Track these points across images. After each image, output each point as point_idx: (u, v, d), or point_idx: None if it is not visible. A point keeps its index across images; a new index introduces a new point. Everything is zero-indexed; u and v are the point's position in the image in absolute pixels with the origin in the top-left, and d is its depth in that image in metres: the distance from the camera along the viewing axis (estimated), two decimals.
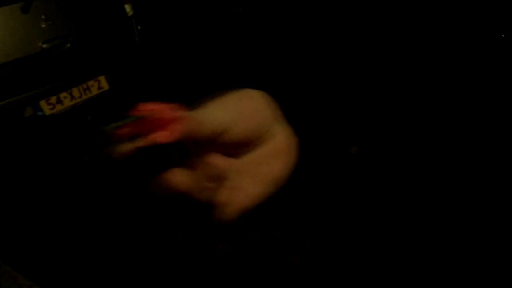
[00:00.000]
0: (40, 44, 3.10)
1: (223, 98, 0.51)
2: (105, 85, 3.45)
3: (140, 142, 0.58)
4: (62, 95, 3.23)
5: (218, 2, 5.03)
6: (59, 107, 3.22)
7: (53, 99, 3.19)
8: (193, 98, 3.45)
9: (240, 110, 0.49)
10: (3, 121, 3.03)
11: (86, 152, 3.49)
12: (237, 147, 0.53)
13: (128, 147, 0.59)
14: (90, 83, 3.37)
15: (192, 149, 0.54)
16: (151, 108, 0.57)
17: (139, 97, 4.03)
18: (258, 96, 0.53)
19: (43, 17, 3.12)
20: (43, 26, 3.12)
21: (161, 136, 0.56)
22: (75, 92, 3.29)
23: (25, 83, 3.08)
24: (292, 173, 0.57)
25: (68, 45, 3.22)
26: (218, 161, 0.50)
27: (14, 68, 3.02)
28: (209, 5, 5.02)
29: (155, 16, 4.30)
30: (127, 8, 3.59)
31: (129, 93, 3.81)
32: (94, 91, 3.40)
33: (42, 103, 3.14)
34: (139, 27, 3.68)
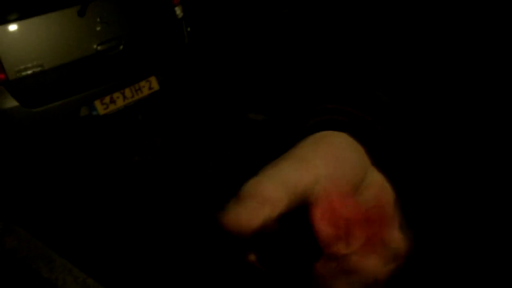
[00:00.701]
0: (95, 46, 3.21)
1: (294, 151, 0.36)
2: (155, 85, 3.53)
3: None
4: (115, 95, 3.33)
5: (265, 3, 5.05)
6: (112, 107, 3.32)
7: (107, 99, 3.29)
8: (241, 98, 3.44)
9: (322, 164, 0.35)
10: (61, 120, 3.16)
11: (135, 151, 3.58)
12: None
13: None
14: (142, 83, 3.46)
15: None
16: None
17: (188, 97, 4.10)
18: (340, 142, 0.33)
19: (98, 20, 3.23)
20: (98, 28, 3.23)
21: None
22: (127, 92, 3.39)
23: (81, 83, 3.20)
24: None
25: (121, 47, 3.32)
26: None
27: (71, 69, 3.14)
28: (256, 6, 5.05)
29: (204, 18, 4.37)
30: (177, 10, 3.66)
31: (179, 94, 3.88)
32: (145, 91, 3.48)
33: (97, 103, 3.25)
34: (188, 29, 3.75)
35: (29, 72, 2.99)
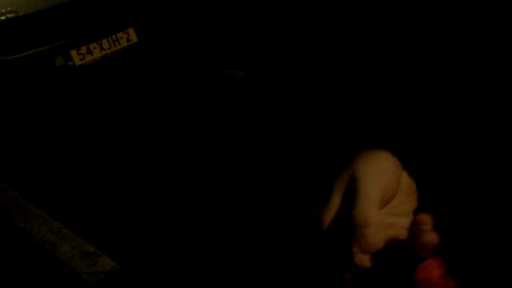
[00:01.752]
0: None
1: (363, 172, 0.50)
2: (134, 37, 3.46)
3: None
4: (92, 45, 3.27)
5: None
6: (89, 58, 3.27)
7: (83, 50, 3.23)
8: (221, 54, 3.39)
9: (381, 178, 0.49)
10: (36, 69, 3.09)
11: (113, 103, 3.55)
12: None
13: None
14: (120, 35, 3.39)
15: None
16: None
17: (167, 51, 4.04)
18: (383, 158, 0.51)
19: None
20: None
21: None
22: (105, 43, 3.32)
23: (56, 32, 3.12)
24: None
25: None
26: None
27: (46, 17, 3.06)
28: None
29: None
30: None
31: (158, 47, 3.82)
32: (123, 43, 3.42)
33: (73, 53, 3.19)
34: None
35: (2, 18, 2.90)
